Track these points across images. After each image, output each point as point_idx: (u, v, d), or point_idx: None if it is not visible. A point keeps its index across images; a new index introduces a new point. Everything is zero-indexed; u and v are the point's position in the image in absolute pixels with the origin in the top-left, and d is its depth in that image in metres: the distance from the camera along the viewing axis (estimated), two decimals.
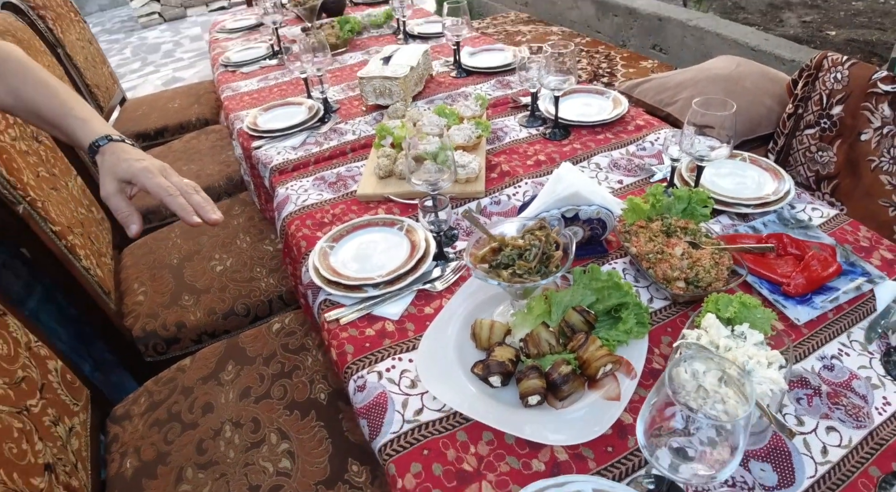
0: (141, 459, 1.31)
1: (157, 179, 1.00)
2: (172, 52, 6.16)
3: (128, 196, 1.03)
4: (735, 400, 0.81)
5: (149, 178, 1.00)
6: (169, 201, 0.99)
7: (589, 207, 1.07)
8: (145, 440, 1.35)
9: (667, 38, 3.48)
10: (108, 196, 1.01)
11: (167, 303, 1.78)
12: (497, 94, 1.90)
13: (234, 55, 2.49)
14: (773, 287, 1.07)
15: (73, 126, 1.07)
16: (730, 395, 0.82)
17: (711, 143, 1.18)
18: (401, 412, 0.91)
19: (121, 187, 1.02)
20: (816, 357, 0.96)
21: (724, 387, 0.83)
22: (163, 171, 1.03)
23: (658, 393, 0.63)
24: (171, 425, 1.37)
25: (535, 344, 0.91)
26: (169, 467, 1.28)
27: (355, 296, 1.12)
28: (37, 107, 1.09)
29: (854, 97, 1.83)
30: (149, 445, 1.34)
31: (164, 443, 1.33)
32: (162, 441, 1.34)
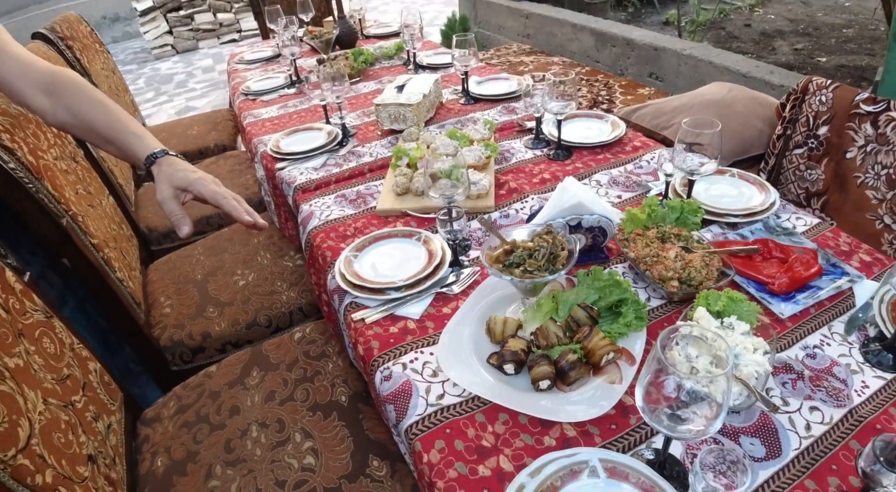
0: (171, 457, 1.38)
1: (212, 186, 1.13)
2: (185, 83, 6.37)
3: (181, 202, 1.15)
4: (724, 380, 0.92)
5: (204, 185, 1.14)
6: (224, 204, 1.12)
7: (591, 216, 1.18)
8: (175, 440, 1.42)
9: (662, 66, 3.64)
10: (165, 200, 1.15)
11: (193, 314, 1.88)
12: (503, 120, 2.03)
13: (253, 85, 2.64)
14: (759, 286, 1.18)
15: (130, 141, 1.22)
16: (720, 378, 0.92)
17: (701, 159, 1.30)
18: (424, 397, 1.01)
19: (176, 194, 1.15)
20: (800, 347, 1.06)
21: (716, 369, 0.93)
22: (215, 181, 1.16)
23: (651, 364, 0.73)
24: (200, 427, 1.44)
25: (544, 336, 1.02)
26: (198, 464, 1.35)
27: (379, 298, 1.23)
28: (94, 124, 1.23)
29: (838, 118, 1.94)
30: (179, 444, 1.41)
31: (193, 443, 1.40)
32: (191, 441, 1.41)
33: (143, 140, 1.24)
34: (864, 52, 4.86)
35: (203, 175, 1.18)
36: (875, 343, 1.04)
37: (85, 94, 1.28)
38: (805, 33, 5.45)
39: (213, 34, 7.73)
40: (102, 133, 1.26)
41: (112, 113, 1.28)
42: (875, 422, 0.91)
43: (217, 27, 7.71)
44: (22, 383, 1.02)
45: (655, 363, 0.73)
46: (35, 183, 1.41)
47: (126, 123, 1.26)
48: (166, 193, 1.15)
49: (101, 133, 1.26)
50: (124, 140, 1.24)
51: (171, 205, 1.16)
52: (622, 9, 6.63)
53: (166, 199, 1.16)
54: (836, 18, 5.76)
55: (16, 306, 1.12)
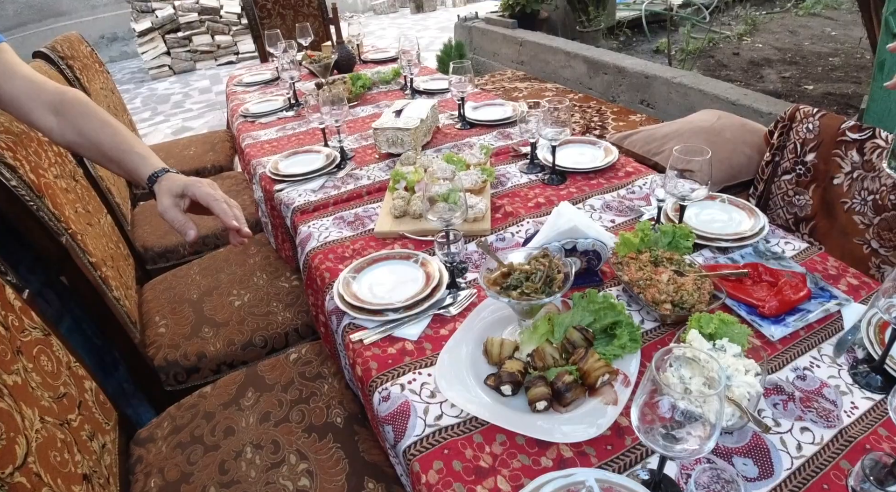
0: (165, 478, 1.37)
1: (205, 188, 1.16)
2: (182, 103, 6.41)
3: (182, 209, 1.18)
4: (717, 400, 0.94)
5: (198, 187, 1.16)
6: (214, 205, 1.15)
7: (585, 240, 1.21)
8: (169, 461, 1.41)
9: (653, 94, 3.73)
10: (166, 209, 1.17)
11: (188, 334, 1.88)
12: (499, 145, 2.07)
13: (252, 107, 2.67)
14: (749, 309, 1.20)
15: (135, 161, 1.25)
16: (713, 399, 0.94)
17: (692, 185, 1.34)
18: (422, 418, 1.02)
19: (175, 202, 1.18)
20: (790, 369, 1.08)
21: (709, 389, 0.95)
22: (211, 185, 1.19)
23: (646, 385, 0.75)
24: (194, 447, 1.43)
25: (540, 358, 1.04)
26: (192, 485, 1.34)
27: (377, 319, 1.25)
28: (100, 143, 1.26)
29: (825, 145, 1.98)
30: (172, 465, 1.40)
31: (187, 464, 1.39)
32: (185, 462, 1.40)
33: (147, 160, 1.27)
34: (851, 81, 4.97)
35: (198, 179, 1.21)
36: (863, 365, 1.07)
37: (92, 114, 1.32)
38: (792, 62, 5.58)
39: (211, 56, 7.81)
40: (108, 153, 1.29)
41: (119, 134, 1.31)
42: (864, 442, 0.93)
43: (215, 49, 7.80)
44: (20, 401, 1.02)
45: (650, 384, 0.75)
46: (36, 201, 1.42)
47: (132, 144, 1.30)
48: (167, 202, 1.19)
49: (107, 153, 1.29)
50: (129, 160, 1.27)
51: (173, 213, 1.19)
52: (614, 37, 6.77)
53: (167, 208, 1.19)
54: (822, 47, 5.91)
55: (14, 323, 1.12)
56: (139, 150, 1.29)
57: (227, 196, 1.24)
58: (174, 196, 1.19)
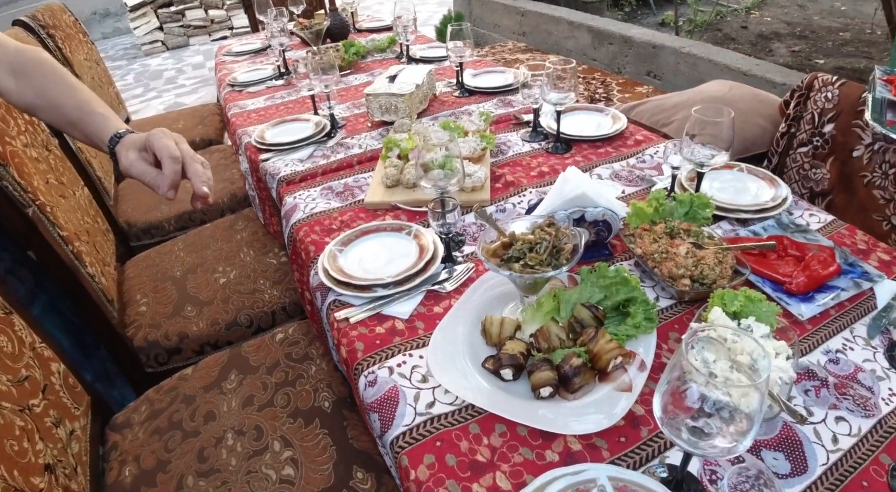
0: (140, 467, 1.29)
1: (165, 140, 1.03)
2: (175, 79, 6.25)
3: (149, 163, 1.05)
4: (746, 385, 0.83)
5: (158, 138, 1.03)
6: (166, 162, 1.01)
7: (595, 209, 1.09)
8: (145, 448, 1.33)
9: (661, 65, 3.57)
10: (131, 164, 1.05)
11: (170, 314, 1.78)
12: (499, 113, 1.94)
13: (240, 76, 2.54)
14: (775, 286, 1.09)
15: (97, 122, 1.12)
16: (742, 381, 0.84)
17: (711, 150, 1.22)
18: (412, 405, 0.92)
19: (140, 156, 1.05)
20: (821, 351, 0.98)
21: (736, 373, 0.85)
22: (175, 137, 1.06)
23: (671, 373, 0.64)
24: (172, 434, 1.35)
25: (545, 339, 0.93)
26: (169, 474, 1.26)
27: (365, 296, 1.14)
28: (61, 105, 1.13)
29: (845, 115, 1.87)
30: (149, 453, 1.32)
31: (164, 451, 1.31)
32: (162, 449, 1.32)
33: (109, 121, 1.14)
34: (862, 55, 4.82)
35: (163, 129, 1.07)
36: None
37: (54, 74, 1.19)
38: (802, 36, 5.42)
39: (205, 31, 7.61)
40: (69, 115, 1.17)
41: (80, 94, 1.18)
42: None
43: (208, 24, 7.59)
44: None
45: (676, 369, 0.64)
46: None
47: (93, 105, 1.17)
48: (131, 156, 1.04)
49: (68, 115, 1.17)
50: (90, 121, 1.14)
51: (140, 166, 1.04)
52: (618, 9, 6.58)
53: (133, 163, 1.04)
54: (832, 22, 5.73)
55: None
56: (101, 110, 1.16)
57: (195, 154, 1.10)
58: (138, 150, 1.06)
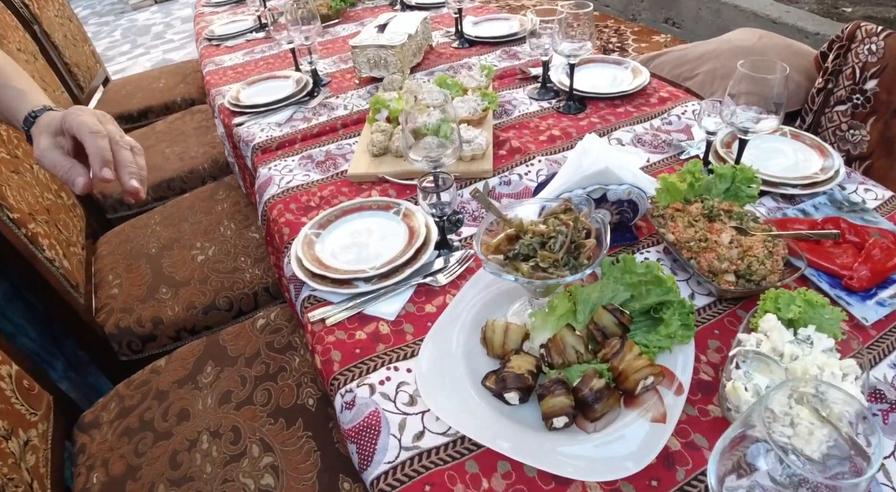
0: (109, 473, 1.18)
1: (84, 117, 0.83)
2: (163, 34, 5.96)
3: (66, 151, 0.86)
4: (809, 424, 0.66)
5: (75, 116, 0.84)
6: (87, 139, 0.82)
7: (619, 187, 0.90)
8: (114, 452, 1.21)
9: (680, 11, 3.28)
10: (42, 154, 0.85)
11: (143, 296, 1.63)
12: (503, 66, 1.72)
13: (218, 28, 2.32)
14: (832, 280, 0.91)
15: (10, 97, 0.92)
16: (802, 416, 0.67)
17: (757, 113, 1.02)
18: (397, 436, 0.75)
19: (55, 143, 0.86)
20: (888, 364, 0.80)
21: (796, 406, 0.68)
22: (99, 116, 0.86)
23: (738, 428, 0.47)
24: (143, 435, 1.24)
25: (558, 351, 0.76)
26: (139, 482, 1.15)
27: (344, 292, 0.96)
28: None
29: (890, 70, 1.68)
30: (118, 457, 1.20)
31: (134, 455, 1.20)
32: (132, 453, 1.20)
33: (26, 96, 0.93)
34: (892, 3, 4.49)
35: (81, 107, 0.87)
36: None
37: None
38: None
39: None
40: None
41: None
42: None
43: None
44: None
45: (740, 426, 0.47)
46: None
47: (8, 76, 0.96)
48: (44, 144, 0.84)
49: None
50: (3, 95, 0.93)
51: (51, 156, 0.84)
52: None
53: (44, 151, 0.84)
54: None
55: None
56: (17, 83, 0.95)
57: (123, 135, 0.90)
58: (53, 135, 0.86)
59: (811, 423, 0.66)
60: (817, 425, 0.65)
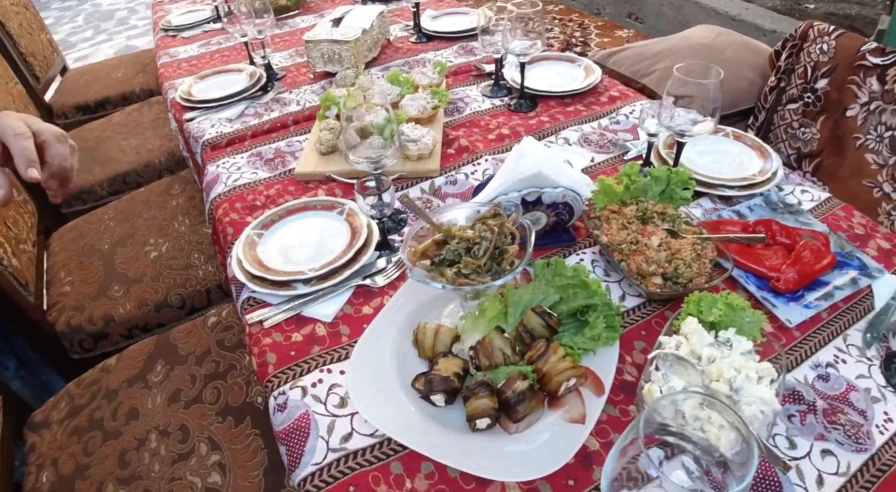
0: (58, 472, 1.17)
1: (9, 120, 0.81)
2: (127, 20, 5.82)
3: None
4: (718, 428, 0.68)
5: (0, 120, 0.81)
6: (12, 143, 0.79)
7: (554, 190, 0.92)
8: (64, 451, 1.21)
9: (643, 6, 3.31)
10: None
11: (95, 294, 1.61)
12: (459, 61, 1.72)
13: (175, 18, 2.27)
14: (760, 282, 0.94)
15: None
16: (713, 419, 0.69)
17: (693, 116, 1.04)
18: (325, 438, 0.76)
19: None
20: (810, 365, 0.83)
21: (707, 410, 0.70)
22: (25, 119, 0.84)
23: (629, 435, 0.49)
24: (93, 434, 1.23)
25: (486, 354, 0.77)
26: (88, 481, 1.14)
27: (283, 294, 0.96)
28: None
29: (841, 70, 1.71)
30: (67, 456, 1.20)
31: (83, 454, 1.19)
32: (82, 452, 1.20)
33: None
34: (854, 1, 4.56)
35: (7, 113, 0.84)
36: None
37: None
38: None
39: None
40: None
41: None
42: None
43: None
44: None
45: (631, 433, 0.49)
46: None
47: None
48: None
49: None
50: None
51: None
52: None
53: None
54: None
55: None
56: None
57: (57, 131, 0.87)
58: None
59: (721, 426, 0.68)
60: (726, 429, 0.68)
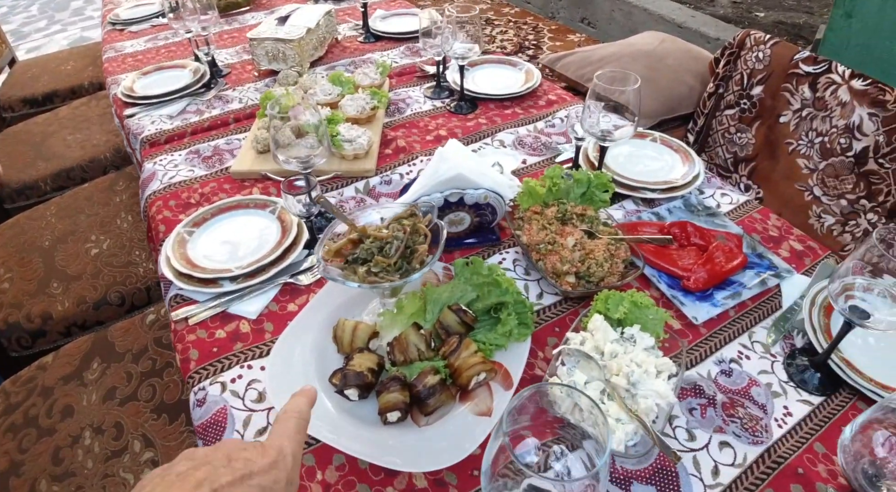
0: None
1: None
2: (82, 10, 5.67)
3: None
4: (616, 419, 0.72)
5: None
6: None
7: (476, 191, 0.94)
8: None
9: (595, 11, 3.37)
10: None
11: (33, 291, 1.59)
12: (405, 62, 1.74)
13: (124, 12, 2.23)
14: (672, 281, 0.98)
15: None
16: (610, 412, 0.73)
17: (617, 121, 1.08)
18: (240, 432, 0.77)
19: None
20: (714, 361, 0.87)
21: (608, 401, 0.74)
22: None
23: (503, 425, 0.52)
24: (28, 431, 1.22)
25: (401, 350, 0.79)
26: (22, 478, 1.14)
27: (209, 291, 0.97)
28: None
29: (775, 77, 1.77)
30: (2, 454, 1.19)
31: (18, 451, 1.19)
32: (16, 450, 1.19)
33: None
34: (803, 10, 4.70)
35: None
36: (802, 357, 0.86)
37: None
38: None
39: None
40: None
41: None
42: (797, 464, 0.73)
43: None
44: None
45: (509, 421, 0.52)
46: None
47: None
48: None
49: None
50: None
51: None
52: None
53: None
54: None
55: None
56: None
57: None
58: None
59: (617, 419, 0.71)
60: (622, 421, 0.71)
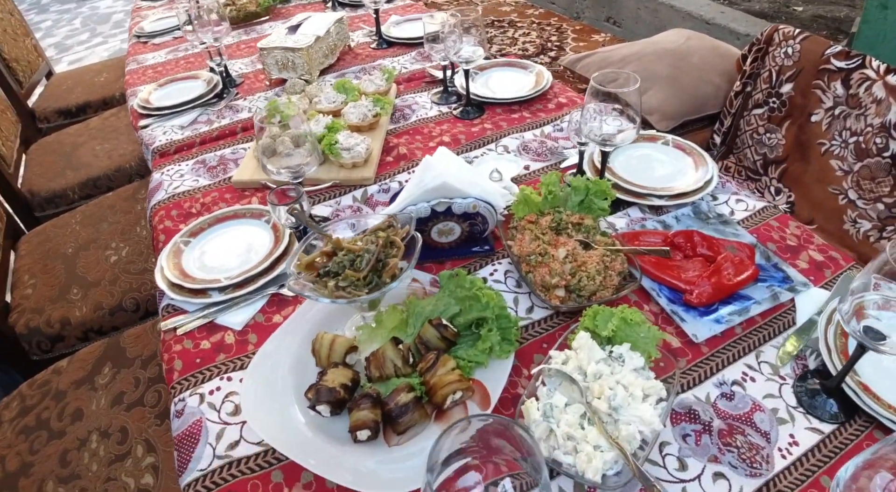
0: (4, 469, 1.20)
1: None
2: (123, 23, 5.86)
3: None
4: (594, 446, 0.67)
5: None
6: None
7: (464, 200, 0.91)
8: (11, 449, 1.24)
9: (621, 10, 3.28)
10: None
11: (54, 297, 1.63)
12: (414, 68, 1.72)
13: (149, 25, 2.28)
14: (673, 295, 0.92)
15: None
16: (589, 438, 0.68)
17: (620, 123, 1.03)
18: (213, 445, 0.76)
19: None
20: (714, 383, 0.80)
21: (588, 426, 0.69)
22: None
23: None
24: (39, 433, 1.25)
25: (378, 365, 0.77)
26: (31, 479, 1.17)
27: (198, 301, 0.97)
28: None
29: (805, 74, 1.68)
30: (14, 454, 1.22)
31: (29, 453, 1.22)
32: (27, 451, 1.22)
33: None
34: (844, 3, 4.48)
35: None
36: (814, 379, 0.79)
37: None
38: None
39: None
40: None
41: None
42: None
43: None
44: None
45: None
46: None
47: None
48: None
49: None
50: None
51: None
52: None
53: None
54: None
55: None
56: None
57: None
58: None
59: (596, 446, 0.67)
60: (602, 448, 0.66)
